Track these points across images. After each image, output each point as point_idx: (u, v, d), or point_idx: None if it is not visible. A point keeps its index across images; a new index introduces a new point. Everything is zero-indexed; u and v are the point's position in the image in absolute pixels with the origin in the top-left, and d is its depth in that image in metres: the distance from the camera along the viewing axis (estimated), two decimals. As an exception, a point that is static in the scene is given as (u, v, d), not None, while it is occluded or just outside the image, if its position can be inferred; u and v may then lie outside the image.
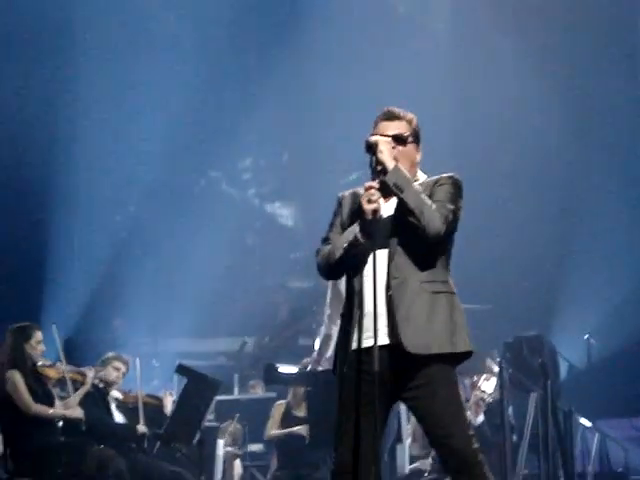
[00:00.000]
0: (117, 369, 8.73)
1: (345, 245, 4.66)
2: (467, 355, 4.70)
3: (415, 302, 4.60)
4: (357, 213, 4.70)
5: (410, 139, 4.81)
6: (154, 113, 14.22)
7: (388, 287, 4.61)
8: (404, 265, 4.63)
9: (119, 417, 8.77)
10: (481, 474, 4.59)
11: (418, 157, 4.86)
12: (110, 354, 8.89)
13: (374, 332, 4.48)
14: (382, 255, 4.64)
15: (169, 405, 8.95)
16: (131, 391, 8.98)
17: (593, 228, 13.78)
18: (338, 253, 4.68)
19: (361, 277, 4.63)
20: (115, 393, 8.80)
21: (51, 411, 8.13)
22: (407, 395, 4.66)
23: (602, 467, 10.00)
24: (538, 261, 13.90)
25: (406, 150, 4.78)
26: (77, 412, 8.22)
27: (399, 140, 4.76)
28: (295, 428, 9.29)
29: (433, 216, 4.59)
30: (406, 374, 4.61)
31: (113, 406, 8.73)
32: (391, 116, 4.83)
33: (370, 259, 4.58)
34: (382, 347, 4.54)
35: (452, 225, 4.67)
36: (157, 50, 14.41)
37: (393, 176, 4.63)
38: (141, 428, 8.60)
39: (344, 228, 4.77)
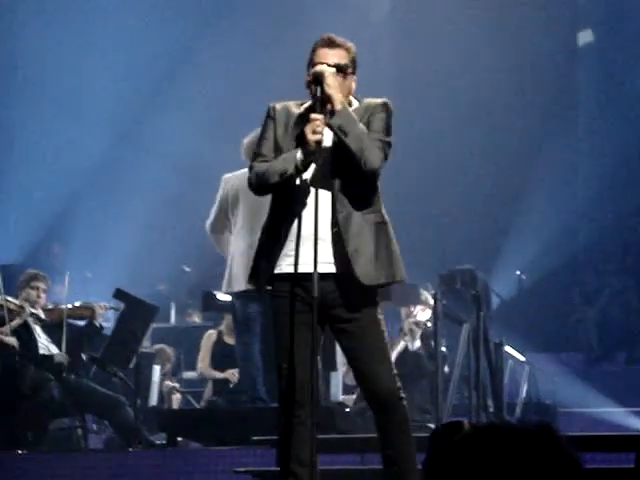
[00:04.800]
0: (35, 288, 8.41)
1: (284, 174, 4.69)
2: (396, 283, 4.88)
3: (361, 234, 4.68)
4: (297, 138, 4.73)
5: (349, 70, 4.83)
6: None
7: (335, 222, 4.67)
8: (346, 198, 4.70)
9: (44, 339, 8.41)
10: (401, 413, 4.70)
11: (354, 87, 4.90)
12: (26, 274, 8.52)
13: (315, 259, 4.54)
14: (324, 188, 4.69)
15: (101, 314, 8.59)
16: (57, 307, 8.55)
17: (528, 169, 13.96)
18: (274, 179, 4.72)
19: (302, 205, 4.67)
20: (40, 313, 8.44)
21: None
22: (338, 325, 4.75)
23: (531, 399, 10.21)
24: (475, 201, 14.05)
25: (345, 81, 4.81)
26: (12, 340, 8.15)
27: (339, 70, 4.78)
28: (229, 372, 9.27)
29: (372, 154, 4.67)
30: (343, 305, 4.69)
31: (38, 329, 8.41)
32: (331, 43, 4.84)
33: (312, 192, 4.65)
34: (326, 275, 4.64)
35: (387, 157, 4.77)
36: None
37: (339, 119, 4.67)
38: (59, 357, 8.24)
39: (277, 144, 4.80)
